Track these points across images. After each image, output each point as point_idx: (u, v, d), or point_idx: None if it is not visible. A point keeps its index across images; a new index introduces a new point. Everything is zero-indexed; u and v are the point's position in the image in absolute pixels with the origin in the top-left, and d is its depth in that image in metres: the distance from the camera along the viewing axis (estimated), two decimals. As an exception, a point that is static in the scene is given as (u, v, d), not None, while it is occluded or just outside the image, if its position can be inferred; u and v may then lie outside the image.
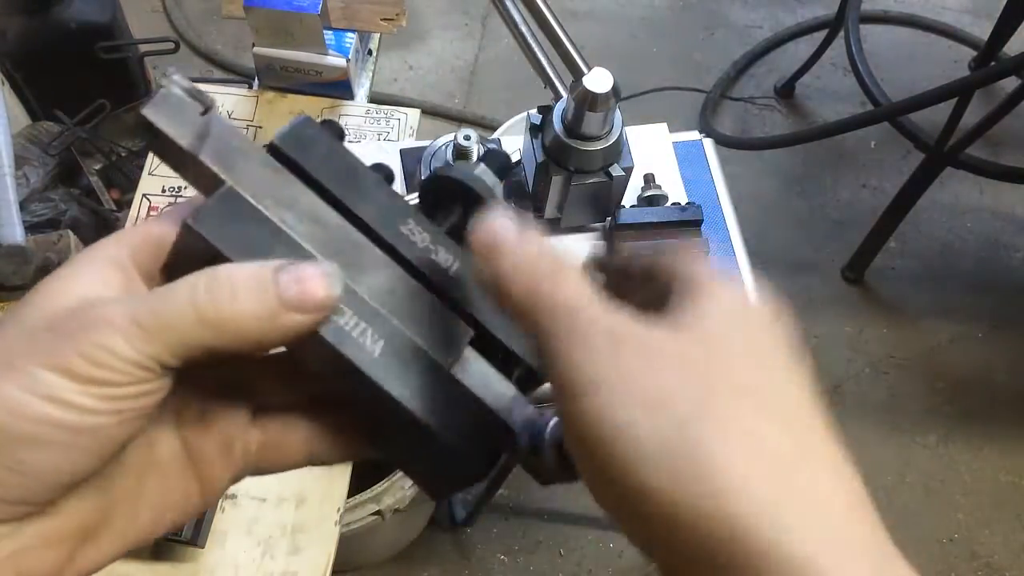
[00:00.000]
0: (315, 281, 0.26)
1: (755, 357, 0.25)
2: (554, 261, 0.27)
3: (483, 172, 0.34)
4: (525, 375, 0.31)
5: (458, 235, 0.32)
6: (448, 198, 0.34)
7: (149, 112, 0.28)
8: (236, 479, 0.32)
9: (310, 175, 0.30)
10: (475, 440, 0.29)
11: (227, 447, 0.31)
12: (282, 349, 0.29)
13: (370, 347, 0.28)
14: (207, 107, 0.29)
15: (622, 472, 0.23)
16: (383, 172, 0.33)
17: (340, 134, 0.31)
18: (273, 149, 0.30)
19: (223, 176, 0.28)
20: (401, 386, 0.28)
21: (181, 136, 0.29)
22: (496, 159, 0.35)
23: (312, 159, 0.30)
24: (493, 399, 0.30)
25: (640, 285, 0.30)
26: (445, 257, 0.30)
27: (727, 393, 0.24)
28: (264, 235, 0.28)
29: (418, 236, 0.30)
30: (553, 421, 0.29)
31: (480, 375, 0.30)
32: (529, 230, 0.27)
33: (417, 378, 0.28)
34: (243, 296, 0.25)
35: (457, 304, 0.30)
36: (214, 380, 0.30)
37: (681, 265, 0.28)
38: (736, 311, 0.26)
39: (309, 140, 0.30)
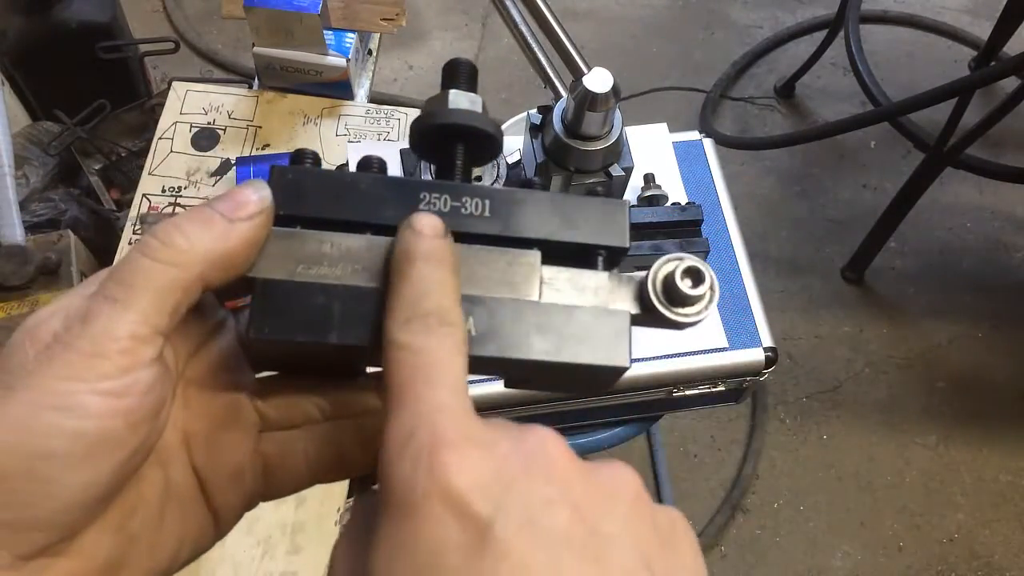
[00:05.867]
0: (245, 193, 0.28)
1: None
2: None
3: (472, 102, 0.34)
4: (608, 254, 0.31)
5: (467, 172, 0.33)
6: (448, 140, 0.33)
7: None
8: (249, 507, 0.31)
9: (317, 218, 0.30)
10: (597, 343, 0.29)
11: (238, 475, 0.30)
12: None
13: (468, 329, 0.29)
14: None
15: None
16: (374, 165, 0.32)
17: (315, 159, 0.32)
18: (275, 217, 0.30)
19: (250, 275, 0.29)
20: (510, 347, 0.29)
21: None
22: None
23: (309, 203, 0.30)
24: (591, 297, 0.30)
25: None
26: (474, 203, 0.30)
27: None
28: (316, 299, 0.28)
29: (439, 202, 0.30)
30: (648, 271, 0.30)
31: (568, 283, 0.30)
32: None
33: (519, 329, 0.29)
34: (192, 229, 0.27)
35: (511, 236, 0.30)
36: (218, 405, 0.30)
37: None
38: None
39: (294, 186, 0.30)
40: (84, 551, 0.26)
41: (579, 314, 0.29)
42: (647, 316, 0.30)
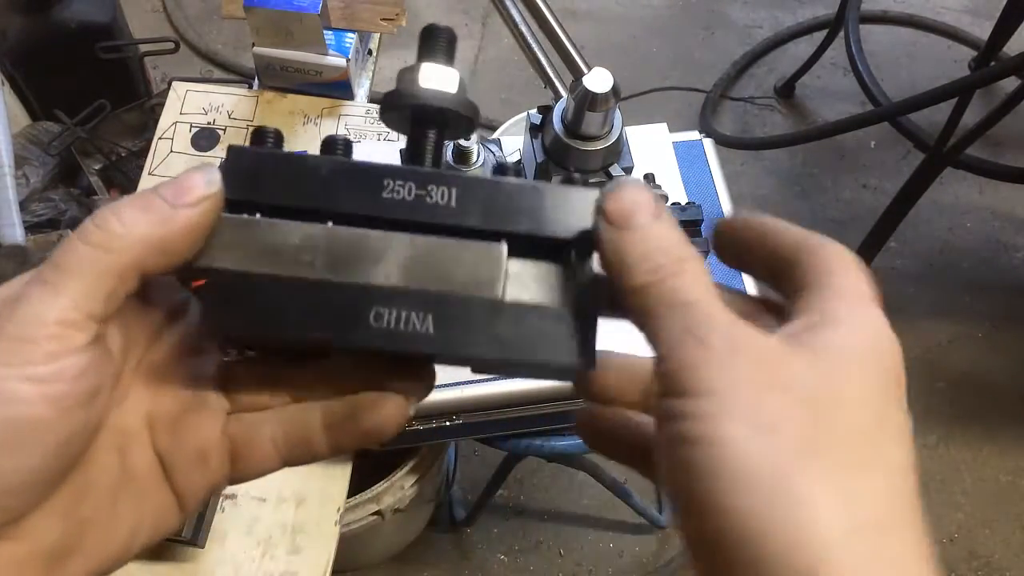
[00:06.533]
0: (192, 178, 0.27)
1: (874, 407, 0.24)
2: (682, 248, 0.26)
3: (448, 79, 0.31)
4: (578, 246, 0.29)
5: (437, 156, 0.32)
6: (418, 122, 0.32)
7: None
8: (215, 489, 0.31)
9: (273, 205, 0.28)
10: (560, 342, 0.28)
11: (203, 457, 0.30)
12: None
13: (422, 328, 0.27)
14: None
15: (712, 483, 0.22)
16: (339, 147, 0.30)
17: (277, 137, 0.30)
18: (228, 202, 0.28)
19: (204, 266, 0.28)
20: (468, 346, 0.27)
21: None
22: None
23: (266, 189, 0.28)
24: (559, 294, 0.29)
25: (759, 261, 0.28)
26: (440, 192, 0.28)
27: (839, 438, 0.23)
28: (271, 292, 0.27)
29: (402, 190, 0.28)
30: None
31: (535, 279, 0.29)
32: (664, 209, 0.27)
33: (479, 327, 0.28)
34: (129, 213, 0.26)
35: (476, 228, 0.29)
36: (186, 387, 0.30)
37: (825, 265, 0.26)
38: (871, 349, 0.25)
39: (251, 170, 0.28)
40: (31, 535, 0.26)
41: (544, 313, 0.28)
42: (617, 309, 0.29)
